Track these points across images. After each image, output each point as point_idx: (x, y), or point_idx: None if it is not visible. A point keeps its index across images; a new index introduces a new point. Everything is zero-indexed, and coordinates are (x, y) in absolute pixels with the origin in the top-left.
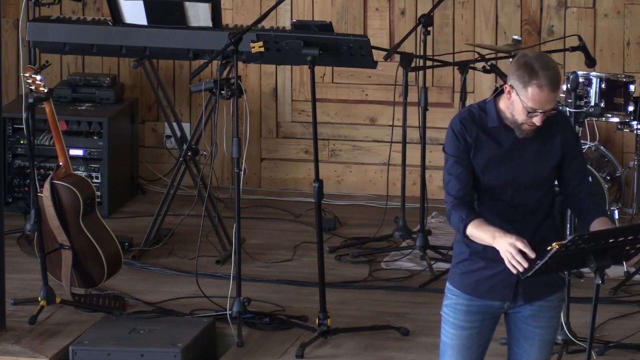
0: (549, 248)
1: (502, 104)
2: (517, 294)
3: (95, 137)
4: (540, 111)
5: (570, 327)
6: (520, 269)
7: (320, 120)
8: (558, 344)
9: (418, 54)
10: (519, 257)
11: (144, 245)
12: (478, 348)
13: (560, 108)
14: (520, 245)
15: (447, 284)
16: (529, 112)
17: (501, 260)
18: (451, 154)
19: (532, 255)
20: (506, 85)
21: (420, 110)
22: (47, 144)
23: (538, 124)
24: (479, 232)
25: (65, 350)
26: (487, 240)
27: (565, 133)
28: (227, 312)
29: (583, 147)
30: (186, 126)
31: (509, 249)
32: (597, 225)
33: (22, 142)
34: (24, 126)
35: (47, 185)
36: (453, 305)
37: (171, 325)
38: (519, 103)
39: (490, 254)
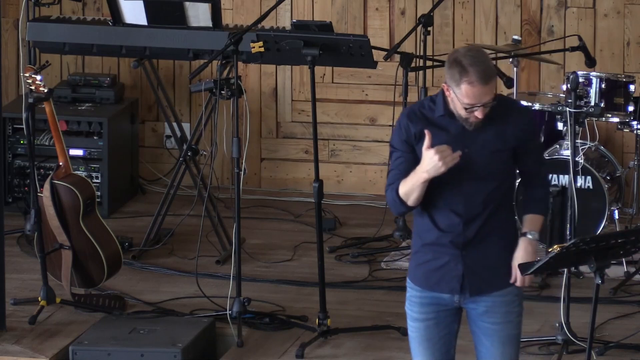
0: (549, 249)
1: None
2: (464, 287)
3: (95, 137)
4: (478, 105)
5: (570, 327)
6: (455, 159)
7: (320, 120)
8: (558, 344)
9: (418, 54)
10: (445, 154)
11: (144, 245)
12: (440, 339)
13: (561, 108)
14: (438, 150)
15: (407, 278)
16: (466, 108)
17: (448, 252)
18: (394, 146)
19: (452, 152)
20: (443, 84)
21: None
22: (47, 144)
23: (480, 117)
24: (407, 183)
25: (65, 350)
26: (416, 179)
27: (519, 126)
28: (227, 312)
29: (583, 147)
30: (186, 126)
31: (432, 157)
32: (528, 221)
33: (22, 142)
34: (24, 126)
35: (47, 185)
36: (410, 298)
37: (171, 325)
38: (457, 100)
39: (438, 246)
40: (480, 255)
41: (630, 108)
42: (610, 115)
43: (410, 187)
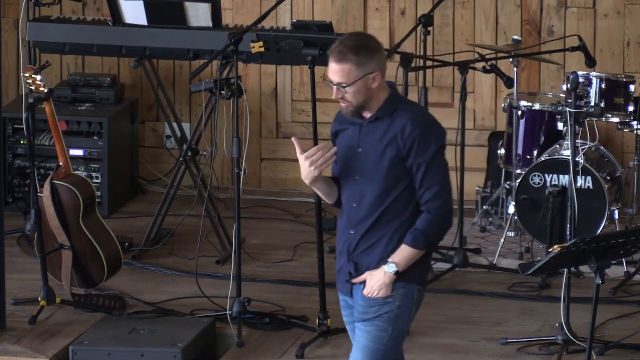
0: (550, 250)
1: None
2: (351, 290)
3: (95, 137)
4: (330, 82)
5: (570, 327)
6: (328, 162)
7: (320, 120)
8: (558, 344)
9: (418, 54)
10: (315, 158)
11: (144, 245)
12: None
13: (561, 108)
14: (308, 156)
15: None
16: (329, 83)
17: (343, 254)
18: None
19: (324, 154)
20: None
21: None
22: (47, 144)
23: (334, 97)
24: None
25: (65, 350)
26: (314, 189)
27: (406, 136)
28: (227, 312)
29: (583, 147)
30: (186, 126)
31: (303, 162)
32: (398, 249)
33: (22, 142)
34: (24, 126)
35: (47, 185)
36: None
37: (171, 325)
38: None
39: (340, 246)
40: (365, 262)
41: (630, 108)
42: (610, 115)
43: (315, 190)
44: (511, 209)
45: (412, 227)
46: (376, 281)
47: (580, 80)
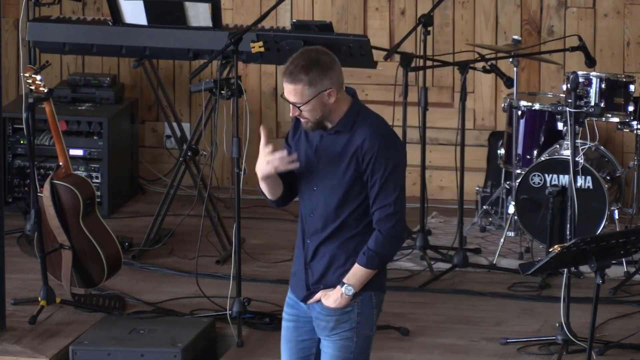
0: (550, 250)
1: None
2: (307, 297)
3: (95, 137)
4: (287, 100)
5: (570, 327)
6: (285, 163)
7: None
8: (558, 344)
9: (418, 54)
10: (269, 158)
11: (144, 245)
12: (297, 344)
13: (561, 108)
14: (270, 152)
15: None
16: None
17: (300, 260)
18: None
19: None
20: None
21: (420, 110)
22: (47, 144)
23: (290, 114)
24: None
25: (65, 350)
26: (260, 181)
27: (365, 151)
28: (227, 312)
29: (583, 147)
30: (186, 126)
31: (262, 158)
32: (352, 270)
33: (22, 142)
34: (24, 126)
35: (47, 185)
36: (286, 298)
37: (171, 325)
38: None
39: (298, 250)
40: (319, 273)
41: (630, 108)
42: (610, 115)
43: (260, 182)
44: (511, 209)
45: (365, 247)
46: (332, 302)
47: (580, 80)
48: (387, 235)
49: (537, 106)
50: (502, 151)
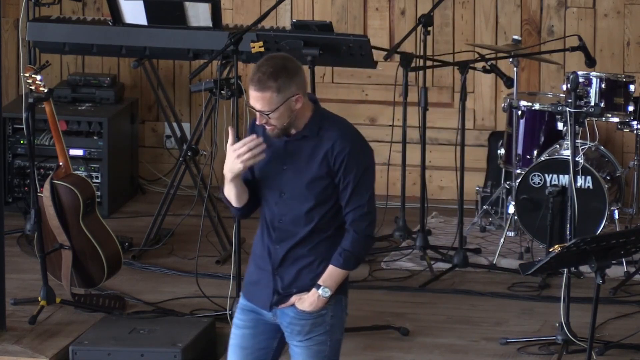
0: (550, 250)
1: None
2: (272, 306)
3: (95, 137)
4: (253, 108)
5: (570, 327)
6: (254, 158)
7: None
8: (558, 344)
9: (418, 54)
10: (239, 151)
11: (144, 245)
12: (254, 352)
13: (561, 108)
14: (235, 148)
15: None
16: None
17: (265, 268)
18: None
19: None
20: None
21: (420, 110)
22: (47, 144)
23: (257, 122)
24: (225, 187)
25: (65, 350)
26: (226, 185)
27: (336, 154)
28: (227, 312)
29: (583, 147)
30: (186, 126)
31: (230, 154)
32: (327, 271)
33: (22, 142)
34: (24, 126)
35: (47, 185)
36: (238, 305)
37: (171, 325)
38: None
39: (259, 259)
40: (289, 279)
41: (630, 108)
42: (610, 115)
43: (226, 187)
44: (511, 209)
45: (340, 248)
46: (308, 305)
47: (580, 80)
48: (362, 235)
49: (537, 106)
50: (502, 151)
